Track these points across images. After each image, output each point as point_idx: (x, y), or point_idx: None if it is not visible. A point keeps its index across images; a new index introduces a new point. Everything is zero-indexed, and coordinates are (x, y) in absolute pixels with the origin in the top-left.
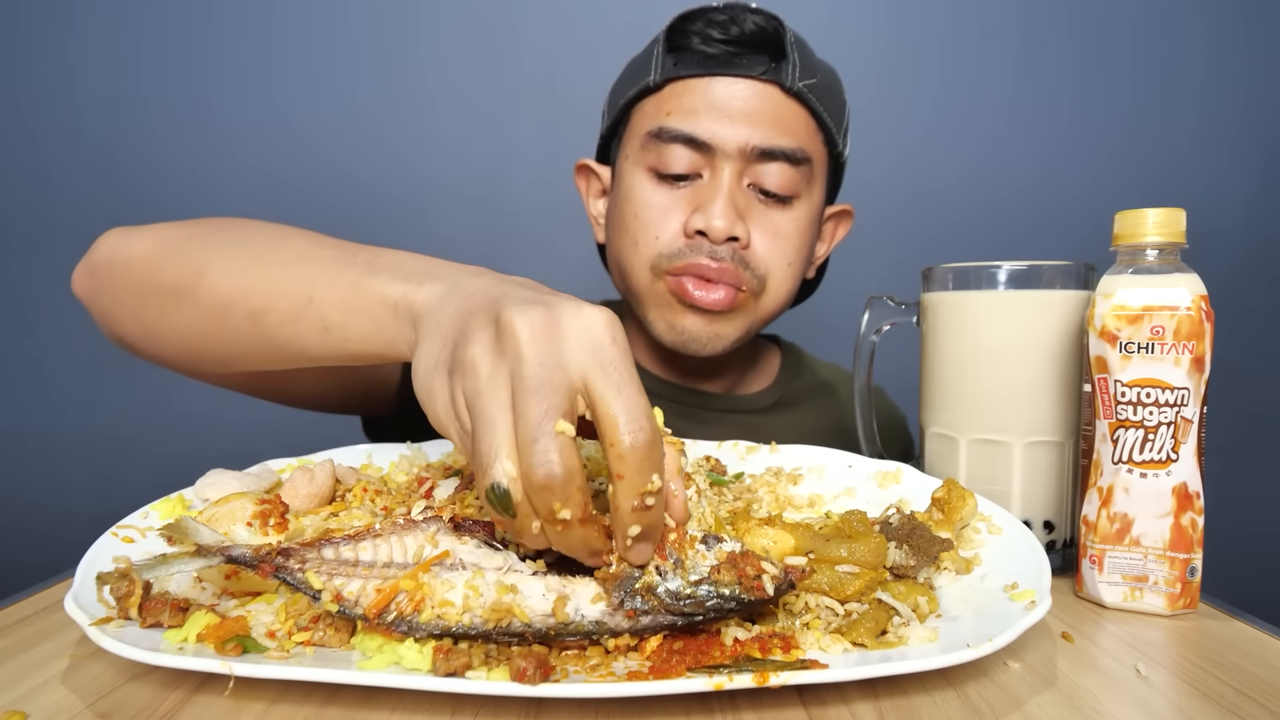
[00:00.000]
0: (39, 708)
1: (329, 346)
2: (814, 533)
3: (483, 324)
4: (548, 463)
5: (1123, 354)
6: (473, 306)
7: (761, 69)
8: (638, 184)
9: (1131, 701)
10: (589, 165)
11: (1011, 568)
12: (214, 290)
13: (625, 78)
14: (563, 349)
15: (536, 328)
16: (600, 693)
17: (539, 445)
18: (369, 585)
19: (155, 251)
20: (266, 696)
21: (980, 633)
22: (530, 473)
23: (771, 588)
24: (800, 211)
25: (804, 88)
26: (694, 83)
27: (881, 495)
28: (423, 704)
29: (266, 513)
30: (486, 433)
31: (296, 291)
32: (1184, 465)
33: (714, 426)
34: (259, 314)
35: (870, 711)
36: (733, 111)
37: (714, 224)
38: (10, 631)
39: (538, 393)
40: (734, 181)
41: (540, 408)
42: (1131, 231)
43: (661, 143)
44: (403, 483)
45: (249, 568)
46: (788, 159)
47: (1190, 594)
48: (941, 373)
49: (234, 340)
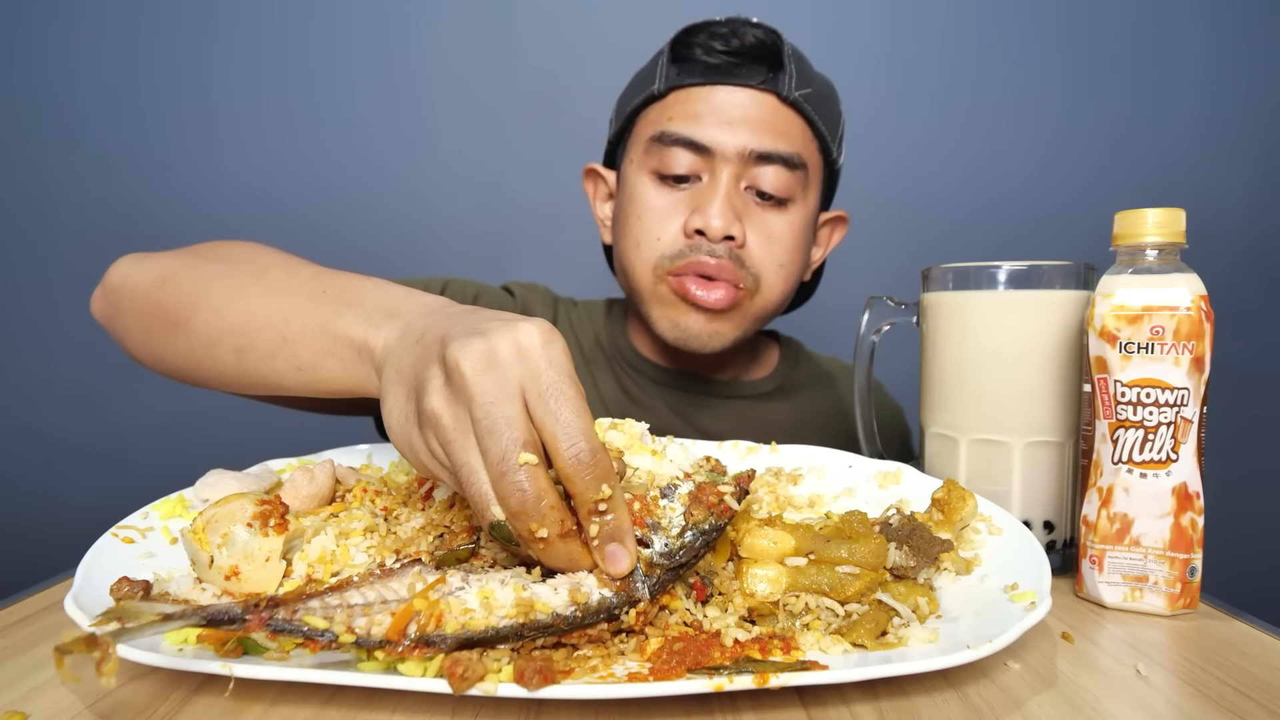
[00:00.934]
0: (39, 708)
1: (304, 384)
2: (814, 533)
3: (434, 369)
4: (518, 492)
5: (1123, 354)
6: (422, 350)
7: (760, 79)
8: (641, 186)
9: (1131, 701)
10: (596, 170)
11: (1011, 568)
12: (204, 325)
13: (632, 87)
14: (505, 380)
15: (477, 365)
16: (600, 694)
17: (506, 480)
18: (376, 616)
19: (156, 281)
20: (267, 698)
21: (980, 633)
22: (506, 504)
23: (735, 503)
24: (794, 215)
25: (800, 97)
26: (696, 90)
27: (881, 495)
28: (423, 705)
29: (266, 513)
30: (470, 482)
31: (274, 330)
32: (1184, 465)
33: (716, 412)
34: (241, 351)
35: (870, 712)
36: (732, 117)
37: (712, 223)
38: (10, 631)
39: (493, 432)
40: (732, 183)
41: (499, 446)
42: (1131, 231)
43: (664, 146)
44: (403, 483)
45: (233, 624)
46: (784, 163)
47: (1190, 594)
48: (941, 373)
49: (224, 372)
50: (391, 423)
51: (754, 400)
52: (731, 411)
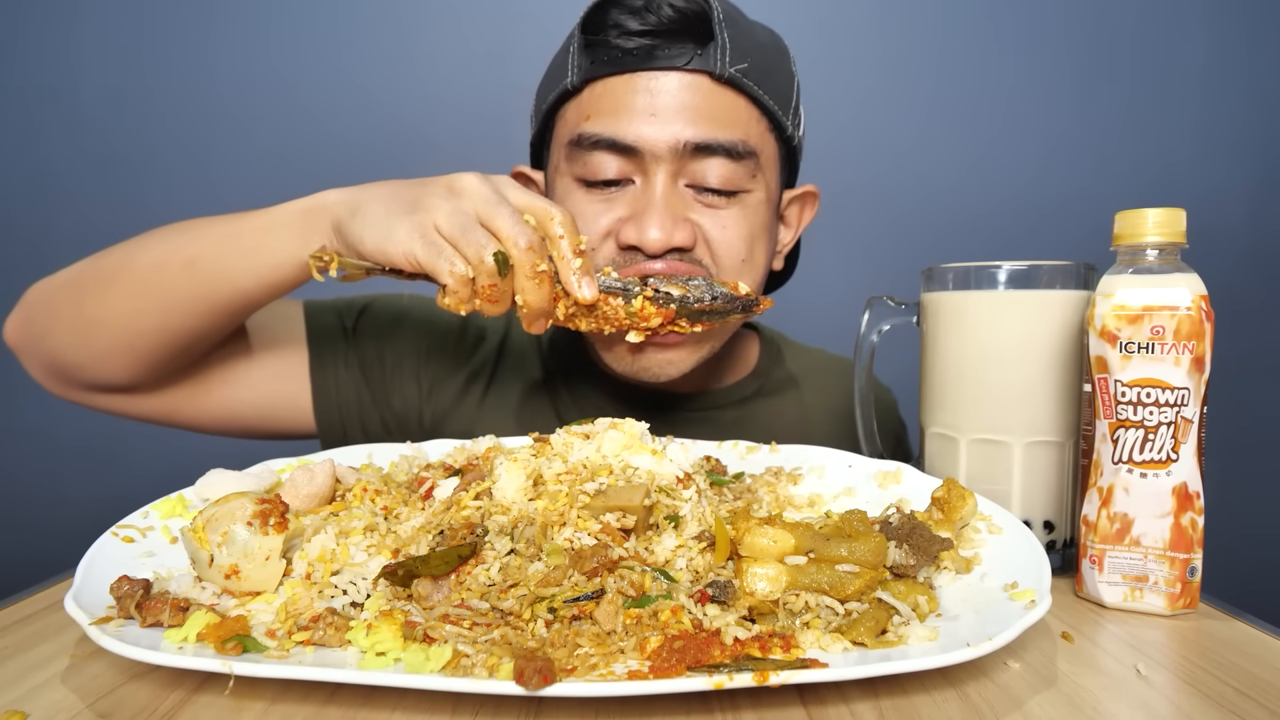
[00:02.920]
0: (39, 708)
1: (258, 274)
2: (814, 532)
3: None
4: (527, 234)
5: (1123, 354)
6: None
7: (686, 59)
8: (568, 196)
9: (1131, 701)
10: (525, 172)
11: (1011, 567)
12: (146, 260)
13: (546, 80)
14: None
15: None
16: (600, 692)
17: (518, 228)
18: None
19: (78, 269)
20: (267, 696)
21: (980, 632)
22: (518, 242)
23: (743, 290)
24: (749, 206)
25: (736, 73)
26: (613, 81)
27: (881, 495)
28: (423, 704)
29: (266, 512)
30: (471, 231)
31: (220, 234)
32: (1184, 465)
33: (691, 428)
34: (190, 262)
35: (870, 711)
36: (658, 108)
37: (648, 236)
38: (10, 631)
39: (499, 205)
40: (668, 184)
41: (506, 211)
42: (1131, 231)
43: (584, 150)
44: (403, 483)
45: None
46: (727, 153)
47: (1190, 594)
48: (941, 373)
49: (171, 299)
50: (368, 227)
51: (732, 408)
52: (707, 423)
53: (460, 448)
